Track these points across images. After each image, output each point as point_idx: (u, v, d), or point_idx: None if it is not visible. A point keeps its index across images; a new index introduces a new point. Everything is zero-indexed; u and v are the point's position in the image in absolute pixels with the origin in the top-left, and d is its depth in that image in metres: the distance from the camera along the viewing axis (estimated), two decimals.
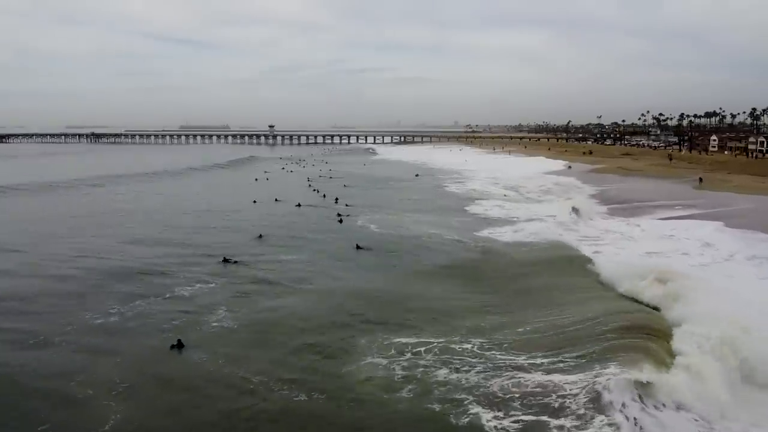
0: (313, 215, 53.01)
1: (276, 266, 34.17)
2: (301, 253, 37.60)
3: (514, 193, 68.87)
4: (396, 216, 51.51)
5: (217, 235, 44.05)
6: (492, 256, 35.97)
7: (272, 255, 37.13)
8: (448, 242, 39.84)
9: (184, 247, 39.58)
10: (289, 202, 61.99)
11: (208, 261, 35.33)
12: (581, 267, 31.99)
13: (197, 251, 38.24)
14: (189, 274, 32.47)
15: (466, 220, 49.01)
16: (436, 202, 61.93)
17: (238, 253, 37.22)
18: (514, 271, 32.67)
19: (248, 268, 33.81)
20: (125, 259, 35.88)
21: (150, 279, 31.57)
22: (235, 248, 39.03)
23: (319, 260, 35.57)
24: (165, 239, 42.21)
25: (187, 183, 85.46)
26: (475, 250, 37.60)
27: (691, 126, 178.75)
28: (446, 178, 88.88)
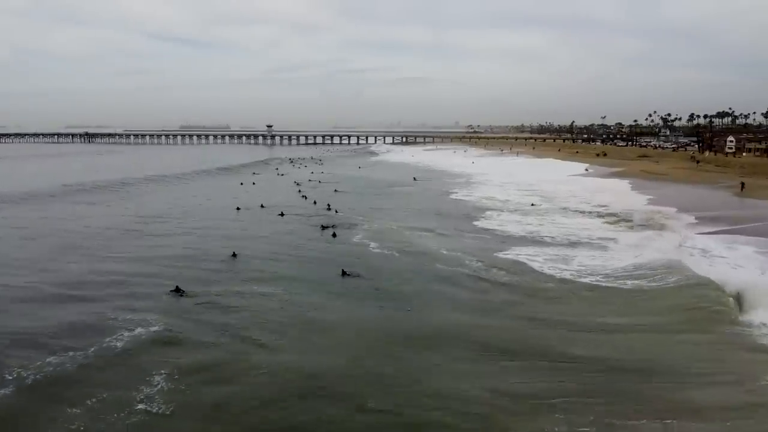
0: (301, 227, 45.09)
1: (240, 303, 26.12)
2: (277, 282, 29.53)
3: (545, 201, 58.80)
4: (398, 230, 43.54)
5: (185, 252, 36.53)
6: (547, 302, 25.71)
7: (239, 284, 29.18)
8: (470, 271, 31.13)
9: (143, 265, 32.23)
10: (276, 210, 54.41)
11: (166, 287, 28.07)
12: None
13: (156, 273, 31.07)
14: (132, 309, 25.00)
15: (485, 237, 40.65)
16: (444, 212, 53.69)
17: (201, 279, 29.81)
18: (602, 338, 21.62)
19: (204, 307, 25.82)
20: (53, 282, 28.28)
21: (78, 317, 23.97)
22: (200, 270, 31.73)
23: (297, 296, 27.40)
24: (120, 256, 34.49)
25: (172, 188, 77.66)
26: (516, 288, 28.06)
27: (711, 127, 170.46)
28: (453, 183, 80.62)
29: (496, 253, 35.07)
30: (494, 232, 42.52)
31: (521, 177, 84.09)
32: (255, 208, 55.83)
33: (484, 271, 30.85)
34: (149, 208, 55.72)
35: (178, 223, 46.92)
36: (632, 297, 26.25)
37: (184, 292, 27.91)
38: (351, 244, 39.19)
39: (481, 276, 30.02)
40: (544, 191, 66.39)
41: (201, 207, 57.07)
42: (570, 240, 39.09)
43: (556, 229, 42.82)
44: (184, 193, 70.07)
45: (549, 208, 54.30)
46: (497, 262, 32.88)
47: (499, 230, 43.31)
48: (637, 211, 49.01)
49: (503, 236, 41.03)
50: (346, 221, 47.52)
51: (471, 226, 45.85)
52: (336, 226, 44.00)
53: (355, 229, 43.59)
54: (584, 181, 77.55)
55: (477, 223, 47.11)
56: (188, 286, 28.31)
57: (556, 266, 31.37)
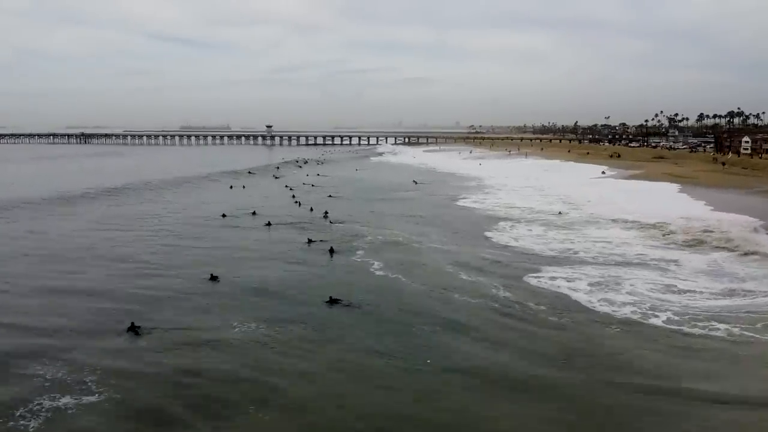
0: (293, 241, 39.02)
1: (206, 355, 20.12)
2: (259, 317, 23.65)
3: (571, 209, 52.15)
4: (405, 246, 37.56)
5: (154, 273, 30.76)
6: (611, 358, 19.29)
7: (214, 320, 23.37)
8: (496, 305, 24.80)
9: (100, 290, 27.17)
10: (268, 217, 48.58)
11: (121, 323, 22.64)
12: None
13: (113, 300, 26.06)
14: (68, 362, 19.24)
15: (507, 256, 34.39)
16: (455, 223, 47.47)
17: (167, 310, 24.42)
18: (700, 413, 15.73)
19: (164, 354, 19.99)
20: None
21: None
22: (168, 299, 26.24)
23: (278, 342, 21.33)
24: (72, 279, 28.41)
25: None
26: (563, 332, 21.50)
27: (730, 127, 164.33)
28: (462, 188, 74.40)
29: (526, 278, 28.99)
30: (517, 249, 36.36)
31: (536, 180, 77.89)
32: (243, 216, 49.93)
33: (516, 305, 24.66)
34: (123, 218, 49.63)
35: (152, 236, 40.90)
36: (732, 350, 19.92)
37: (140, 328, 22.31)
38: (351, 263, 33.19)
39: (512, 313, 23.76)
40: (567, 197, 60.10)
41: (181, 216, 50.94)
42: (614, 260, 32.69)
43: (591, 245, 36.59)
44: (174, 198, 63.98)
45: (577, 217, 47.89)
46: (529, 291, 26.78)
47: (522, 246, 37.19)
48: (693, 220, 42.10)
49: (529, 254, 34.88)
50: (346, 234, 41.56)
51: (488, 240, 39.71)
52: (326, 240, 38.08)
53: (355, 244, 37.59)
54: (609, 184, 71.00)
55: (494, 236, 40.99)
56: (150, 321, 22.88)
57: (608, 298, 25.15)
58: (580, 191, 63.27)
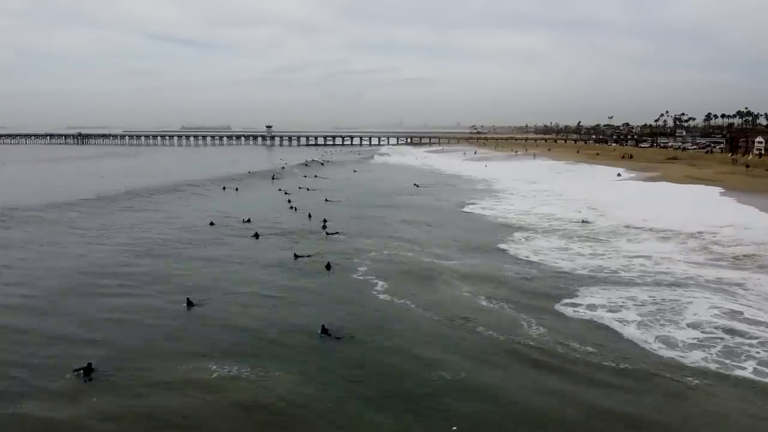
0: (285, 255, 34.32)
1: (177, 406, 15.73)
2: (240, 354, 19.23)
3: (596, 216, 46.76)
4: (412, 261, 33.00)
5: (124, 293, 26.53)
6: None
7: (187, 360, 19.06)
8: (528, 342, 20.18)
9: (56, 319, 22.87)
10: (262, 225, 44.16)
11: (76, 360, 18.79)
12: None
13: (69, 335, 21.64)
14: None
15: (532, 274, 29.68)
16: (466, 233, 42.87)
17: (132, 346, 20.34)
18: None
19: (120, 404, 15.82)
20: None
21: None
22: (136, 329, 22.25)
23: (261, 393, 16.87)
24: (24, 304, 23.87)
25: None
26: (617, 387, 16.88)
27: (745, 127, 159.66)
28: (470, 192, 69.62)
29: (559, 306, 24.38)
30: (541, 266, 31.72)
31: (549, 183, 73.07)
32: (234, 224, 45.41)
33: (555, 348, 19.93)
34: (101, 228, 45.04)
35: (129, 249, 36.28)
36: None
37: (94, 371, 18.26)
38: (349, 283, 28.64)
39: (551, 363, 18.90)
40: (586, 201, 55.29)
41: (167, 225, 46.30)
42: (661, 280, 27.93)
43: (627, 261, 31.91)
44: (161, 206, 59.33)
45: (603, 226, 43.08)
46: (566, 325, 22.16)
47: (546, 262, 32.56)
48: (745, 229, 37.03)
49: (556, 272, 30.25)
50: (345, 246, 36.99)
51: (505, 254, 35.10)
52: (314, 255, 33.50)
53: (356, 260, 32.97)
54: (629, 187, 66.04)
55: (511, 249, 36.39)
56: (110, 358, 18.89)
57: (668, 336, 20.42)
58: (599, 195, 58.55)
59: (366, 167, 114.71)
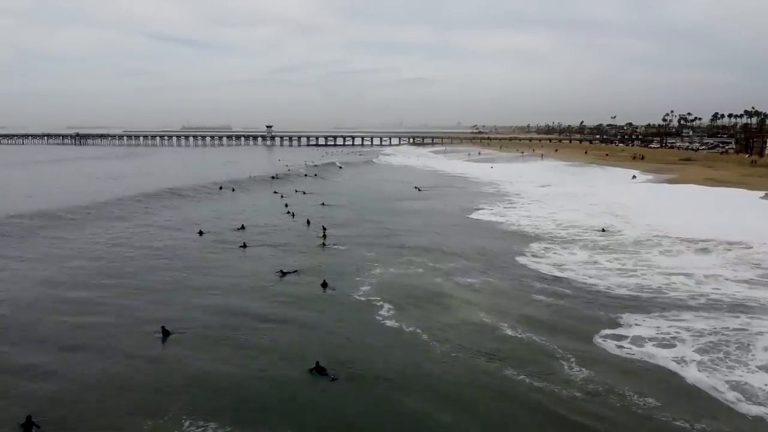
0: (278, 269, 30.59)
1: None
2: (219, 408, 15.48)
3: (621, 224, 42.75)
4: (421, 278, 29.32)
5: (90, 321, 22.66)
6: None
7: (154, 414, 15.33)
8: (569, 390, 16.45)
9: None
10: (255, 232, 40.69)
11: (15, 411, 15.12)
12: None
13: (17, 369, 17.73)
14: None
15: (561, 294, 25.83)
16: (478, 243, 39.19)
17: (91, 397, 16.47)
18: None
19: None
20: None
21: None
22: (99, 365, 18.55)
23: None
24: None
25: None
26: None
27: (761, 127, 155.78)
28: (478, 196, 65.73)
29: (600, 339, 20.60)
30: (568, 284, 27.93)
31: (561, 187, 69.18)
32: (226, 232, 41.78)
33: (604, 394, 16.20)
34: (70, 241, 41.37)
35: (102, 266, 32.59)
36: None
37: (39, 430, 14.62)
38: (350, 306, 24.95)
39: (605, 407, 15.30)
40: (605, 206, 51.48)
41: (148, 236, 42.59)
42: (712, 303, 24.08)
43: (665, 279, 28.01)
44: (145, 217, 55.60)
45: (629, 236, 39.16)
46: (613, 364, 18.35)
47: (573, 279, 28.78)
48: None
49: (588, 292, 26.47)
50: (345, 259, 33.29)
51: (524, 269, 31.34)
52: (300, 271, 29.76)
53: (358, 278, 29.22)
54: (648, 191, 61.85)
55: (530, 263, 32.63)
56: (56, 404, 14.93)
57: (740, 381, 16.63)
58: (616, 200, 54.75)
59: (368, 169, 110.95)
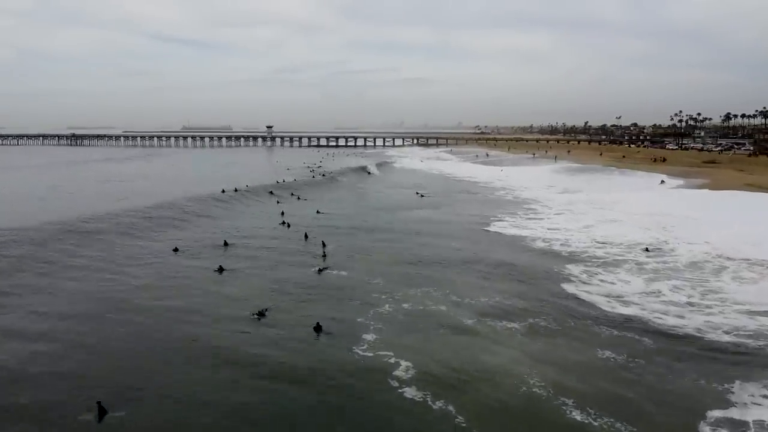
0: (253, 306, 24.44)
1: None
2: None
3: (669, 239, 37.04)
4: (441, 318, 23.22)
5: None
6: None
7: None
8: None
9: None
10: (241, 247, 34.83)
11: None
12: None
13: None
14: None
15: (621, 338, 19.59)
16: (503, 264, 32.76)
17: None
18: None
19: None
20: None
21: None
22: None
23: None
24: None
25: None
26: None
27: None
28: (492, 203, 59.55)
29: (709, 427, 14.51)
30: (646, 327, 21.77)
31: (584, 193, 62.79)
32: (206, 249, 35.78)
33: None
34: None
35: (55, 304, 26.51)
36: None
37: None
38: (351, 365, 18.84)
39: None
40: (638, 217, 45.30)
41: (116, 255, 36.41)
42: None
43: (750, 320, 21.95)
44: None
45: (682, 256, 32.78)
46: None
47: (647, 319, 22.70)
48: None
49: (673, 340, 20.36)
50: (345, 292, 27.09)
51: (571, 300, 25.25)
52: (306, 300, 23.61)
53: (360, 318, 23.10)
54: (684, 198, 55.09)
55: (575, 290, 26.60)
56: None
57: None
58: (653, 209, 48.53)
59: (376, 172, 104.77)
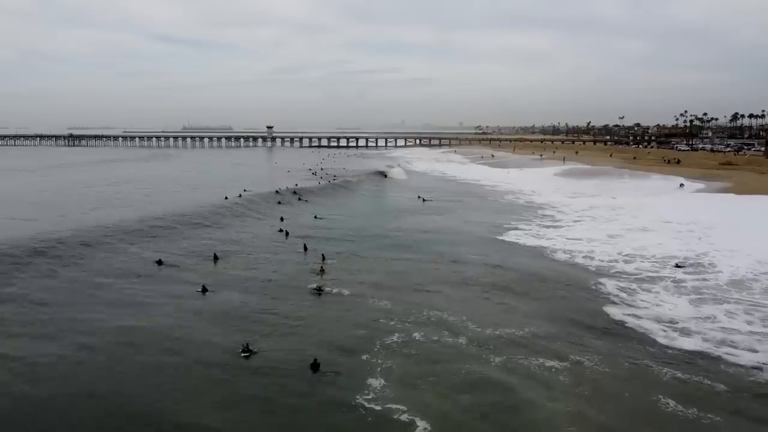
0: (238, 336, 20.80)
1: None
2: None
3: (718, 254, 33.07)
4: (464, 359, 19.61)
5: None
6: None
7: None
8: None
9: None
10: (231, 261, 31.24)
11: None
12: None
13: None
14: None
15: (725, 401, 15.97)
16: (534, 283, 29.38)
17: None
18: None
19: None
20: None
21: None
22: None
23: None
24: None
25: None
26: None
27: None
28: (505, 209, 55.99)
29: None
30: (718, 368, 18.15)
31: (601, 198, 59.14)
32: (195, 260, 32.27)
33: None
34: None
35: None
36: None
37: None
38: (357, 424, 15.24)
39: None
40: (664, 223, 41.72)
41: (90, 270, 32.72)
42: None
43: None
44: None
45: (722, 272, 29.11)
46: None
47: (719, 357, 19.12)
48: None
49: (730, 374, 16.75)
50: (347, 318, 23.47)
51: (631, 333, 21.66)
52: (301, 328, 19.98)
53: (364, 356, 19.46)
54: (711, 203, 51.51)
55: (631, 318, 23.04)
56: None
57: None
58: (677, 216, 44.94)
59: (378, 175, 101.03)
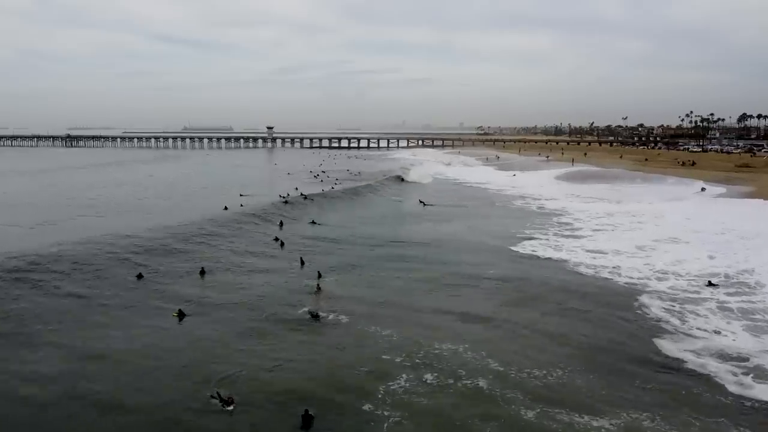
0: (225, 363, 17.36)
1: None
2: None
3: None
4: (487, 404, 16.21)
5: None
6: None
7: None
8: None
9: None
10: (218, 277, 27.63)
11: None
12: None
13: None
14: None
15: None
16: (568, 313, 25.98)
17: None
18: None
19: None
20: None
21: None
22: None
23: None
24: None
25: None
26: None
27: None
28: (516, 215, 52.68)
29: None
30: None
31: (618, 203, 55.71)
32: (180, 275, 28.93)
33: None
34: None
35: None
36: None
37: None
38: None
39: None
40: (703, 237, 38.32)
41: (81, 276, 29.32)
42: None
43: None
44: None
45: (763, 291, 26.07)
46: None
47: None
48: None
49: None
50: (345, 351, 20.09)
51: (680, 382, 18.26)
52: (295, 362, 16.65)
53: (365, 401, 16.13)
54: (736, 209, 47.93)
55: (692, 357, 19.78)
56: None
57: None
58: (707, 226, 41.52)
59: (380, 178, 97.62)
